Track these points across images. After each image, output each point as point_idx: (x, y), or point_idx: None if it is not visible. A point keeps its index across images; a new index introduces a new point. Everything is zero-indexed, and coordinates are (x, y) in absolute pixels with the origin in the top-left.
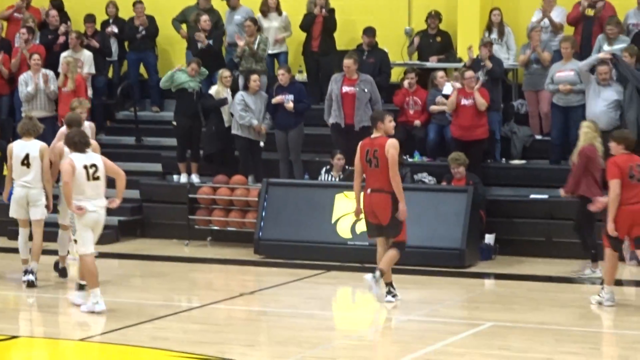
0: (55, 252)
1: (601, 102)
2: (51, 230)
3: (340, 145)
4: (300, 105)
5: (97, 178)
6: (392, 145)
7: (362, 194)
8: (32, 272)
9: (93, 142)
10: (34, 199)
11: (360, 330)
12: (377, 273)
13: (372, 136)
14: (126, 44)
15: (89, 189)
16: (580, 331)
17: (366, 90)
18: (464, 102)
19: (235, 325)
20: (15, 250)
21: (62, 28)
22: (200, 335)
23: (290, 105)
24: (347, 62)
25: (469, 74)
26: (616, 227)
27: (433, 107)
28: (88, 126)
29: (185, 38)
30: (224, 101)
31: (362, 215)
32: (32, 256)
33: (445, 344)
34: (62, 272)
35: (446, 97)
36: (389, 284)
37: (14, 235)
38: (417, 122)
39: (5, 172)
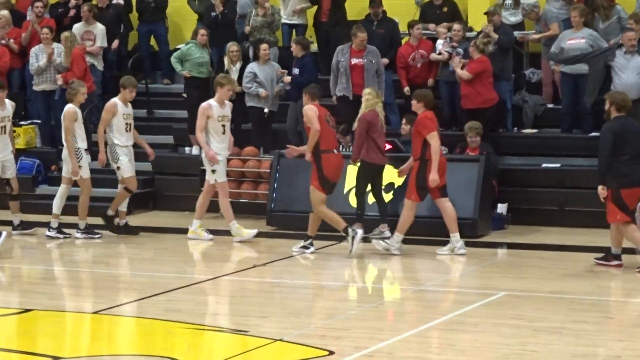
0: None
1: (630, 73)
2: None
3: (348, 117)
4: (297, 79)
5: None
6: None
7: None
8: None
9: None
10: (64, 158)
11: (374, 301)
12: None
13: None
14: (136, 16)
15: None
16: (593, 300)
17: (373, 61)
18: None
19: (249, 297)
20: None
21: (73, 1)
22: (214, 307)
23: (287, 78)
24: (364, 35)
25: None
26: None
27: (432, 55)
28: (228, 105)
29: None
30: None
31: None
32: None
33: (458, 314)
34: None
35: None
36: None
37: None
38: (431, 81)
39: None
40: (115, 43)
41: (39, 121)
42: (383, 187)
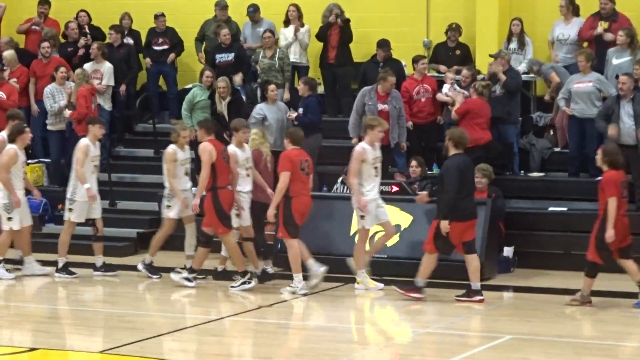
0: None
1: (627, 119)
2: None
3: None
4: (301, 119)
5: None
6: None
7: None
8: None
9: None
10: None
11: (379, 343)
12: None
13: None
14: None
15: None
16: (598, 344)
17: (397, 106)
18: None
19: (254, 338)
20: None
21: (82, 41)
22: (219, 347)
23: (291, 116)
24: (393, 79)
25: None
26: (295, 216)
27: (439, 95)
28: (377, 147)
29: (203, 58)
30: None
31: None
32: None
33: (464, 357)
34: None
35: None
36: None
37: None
38: (440, 119)
39: None
40: (123, 88)
41: (46, 160)
42: None
